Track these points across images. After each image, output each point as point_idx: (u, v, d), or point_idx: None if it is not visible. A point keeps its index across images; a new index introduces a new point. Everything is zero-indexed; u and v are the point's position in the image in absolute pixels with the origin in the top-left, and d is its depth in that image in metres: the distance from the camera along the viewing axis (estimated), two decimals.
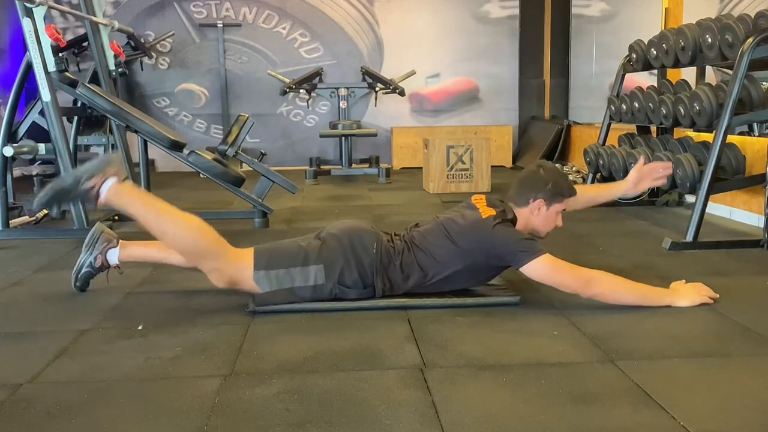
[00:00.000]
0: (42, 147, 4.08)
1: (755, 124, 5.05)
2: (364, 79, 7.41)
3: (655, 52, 4.45)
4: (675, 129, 4.52)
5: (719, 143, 3.55)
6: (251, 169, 4.50)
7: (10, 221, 4.06)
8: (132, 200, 2.45)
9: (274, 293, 2.46)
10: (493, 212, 2.53)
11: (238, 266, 2.47)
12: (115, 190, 2.40)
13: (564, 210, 2.64)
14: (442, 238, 2.55)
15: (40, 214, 4.37)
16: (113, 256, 2.68)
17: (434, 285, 2.57)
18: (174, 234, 2.43)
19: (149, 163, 4.60)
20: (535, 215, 2.59)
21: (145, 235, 2.55)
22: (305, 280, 2.48)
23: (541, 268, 2.44)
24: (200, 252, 2.44)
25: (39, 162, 6.41)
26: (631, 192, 2.87)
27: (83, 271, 2.70)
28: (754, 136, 4.87)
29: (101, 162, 2.42)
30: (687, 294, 2.52)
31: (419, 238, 2.59)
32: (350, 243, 2.51)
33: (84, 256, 2.70)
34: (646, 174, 2.85)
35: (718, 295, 2.56)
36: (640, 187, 2.87)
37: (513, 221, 2.59)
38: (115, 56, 5.26)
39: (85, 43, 6.32)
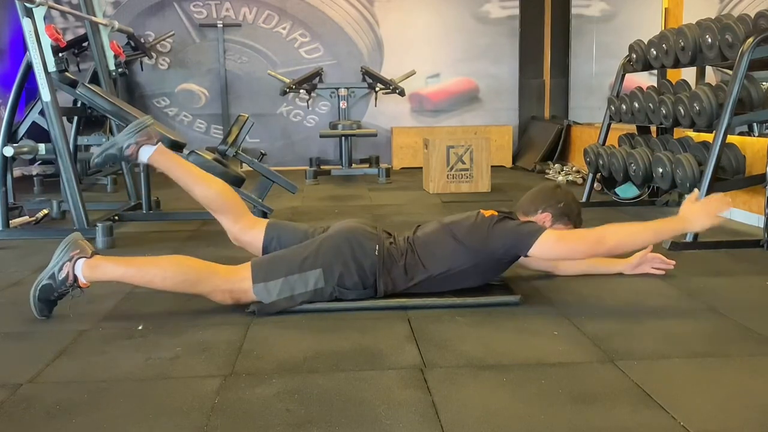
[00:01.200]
0: (42, 147, 4.08)
1: (755, 124, 5.04)
2: (364, 79, 7.40)
3: (655, 52, 4.45)
4: (675, 129, 4.52)
5: (719, 143, 3.55)
6: (251, 169, 4.49)
7: (10, 221, 4.06)
8: (108, 267, 2.45)
9: (274, 303, 2.47)
10: (495, 213, 2.58)
11: (233, 281, 2.47)
12: (88, 270, 2.39)
13: None
14: (447, 238, 2.57)
15: (40, 214, 4.37)
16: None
17: (440, 283, 2.57)
18: (163, 277, 2.44)
19: None
20: None
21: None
22: (305, 286, 2.48)
23: (548, 244, 2.44)
24: (193, 282, 2.45)
25: (39, 162, 6.42)
26: (628, 271, 2.94)
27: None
28: (754, 136, 4.87)
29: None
30: (698, 219, 2.45)
31: (423, 239, 2.61)
32: (349, 247, 2.50)
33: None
34: (648, 260, 2.94)
35: (730, 200, 2.48)
36: (638, 269, 2.95)
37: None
38: (115, 56, 5.25)
39: (85, 43, 6.32)
